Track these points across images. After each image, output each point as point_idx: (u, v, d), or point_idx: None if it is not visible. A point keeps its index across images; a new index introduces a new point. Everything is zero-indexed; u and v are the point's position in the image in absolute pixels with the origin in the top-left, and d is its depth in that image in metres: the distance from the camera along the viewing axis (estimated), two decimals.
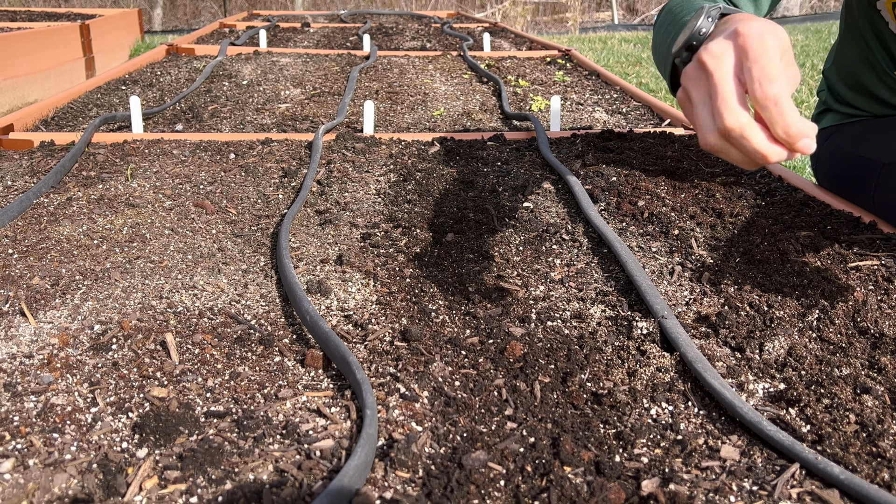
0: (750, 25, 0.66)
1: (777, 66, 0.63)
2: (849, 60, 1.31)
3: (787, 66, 0.66)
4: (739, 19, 0.70)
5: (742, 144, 0.64)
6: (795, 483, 0.64)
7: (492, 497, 0.61)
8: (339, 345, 0.80)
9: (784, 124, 0.62)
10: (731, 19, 0.73)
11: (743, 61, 0.64)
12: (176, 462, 0.66)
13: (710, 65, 0.66)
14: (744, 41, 0.64)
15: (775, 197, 1.33)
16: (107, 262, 1.08)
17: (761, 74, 0.62)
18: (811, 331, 0.90)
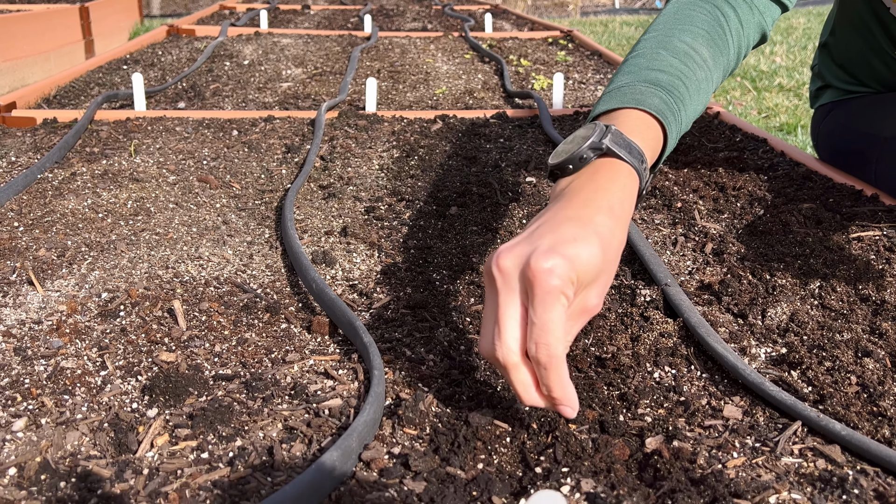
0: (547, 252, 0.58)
1: (558, 328, 0.57)
2: (847, 40, 1.31)
3: (576, 314, 0.60)
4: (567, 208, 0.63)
5: (505, 376, 0.60)
6: (797, 440, 0.65)
7: (498, 453, 0.62)
8: (346, 310, 0.81)
9: (549, 386, 0.59)
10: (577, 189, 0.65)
11: (528, 307, 0.58)
12: (186, 421, 0.66)
13: (499, 285, 0.59)
14: (534, 282, 0.57)
15: (777, 171, 1.34)
16: (112, 234, 1.09)
17: (539, 336, 0.57)
18: (813, 298, 0.91)
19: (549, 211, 0.64)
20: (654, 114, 0.75)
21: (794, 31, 5.50)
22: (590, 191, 0.65)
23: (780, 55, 4.53)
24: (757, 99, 3.51)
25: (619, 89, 0.79)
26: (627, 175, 0.68)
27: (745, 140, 1.52)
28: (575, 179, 0.67)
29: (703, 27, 0.86)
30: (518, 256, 0.59)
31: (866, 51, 1.27)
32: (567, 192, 0.66)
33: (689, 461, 0.61)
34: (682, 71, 0.80)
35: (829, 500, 0.57)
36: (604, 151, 0.67)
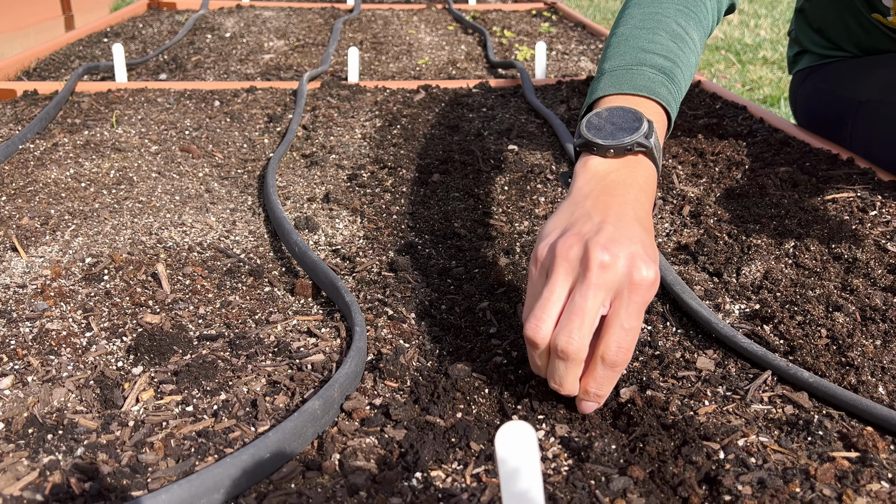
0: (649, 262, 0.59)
1: (637, 334, 0.59)
2: (824, 4, 1.32)
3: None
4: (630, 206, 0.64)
5: (561, 366, 0.59)
6: (767, 388, 0.67)
7: (476, 403, 0.64)
8: (328, 272, 0.82)
9: (605, 385, 0.60)
10: (625, 183, 0.67)
11: (618, 309, 0.58)
12: (171, 377, 0.68)
13: (593, 280, 0.58)
14: (638, 290, 0.58)
15: (756, 137, 1.35)
16: (95, 202, 1.09)
17: (626, 341, 0.58)
18: (787, 257, 0.92)
19: (608, 203, 0.64)
20: (665, 106, 0.76)
21: (778, 4, 5.50)
22: (638, 190, 0.67)
23: (765, 28, 4.54)
24: (741, 72, 3.53)
25: (628, 70, 0.79)
26: (655, 176, 0.70)
27: (725, 107, 1.54)
28: (618, 170, 0.68)
29: (689, 5, 0.86)
30: (620, 258, 0.58)
31: (843, 14, 1.29)
32: (615, 184, 0.67)
33: (661, 409, 0.63)
34: (679, 57, 0.81)
35: (795, 442, 0.59)
36: (646, 151, 0.69)
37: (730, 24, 4.73)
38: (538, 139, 1.40)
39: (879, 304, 0.81)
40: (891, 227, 0.99)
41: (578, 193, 0.67)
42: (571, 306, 0.58)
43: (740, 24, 4.69)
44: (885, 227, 0.99)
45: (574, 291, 0.59)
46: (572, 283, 0.59)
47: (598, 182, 0.67)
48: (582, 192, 0.67)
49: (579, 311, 0.58)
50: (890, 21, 1.22)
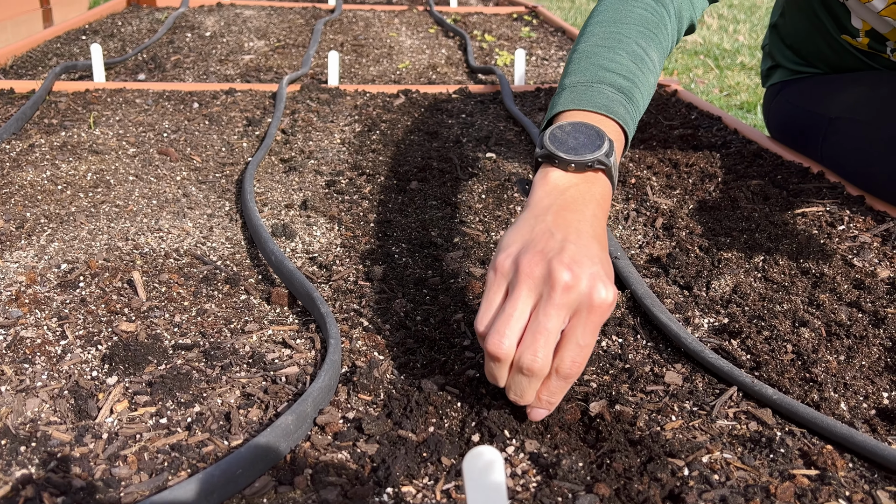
0: (608, 282, 0.61)
1: (588, 353, 0.61)
2: (796, 22, 1.34)
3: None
4: (587, 223, 0.66)
5: (523, 380, 0.60)
6: (732, 404, 0.69)
7: (449, 417, 0.65)
8: (304, 281, 0.83)
9: (557, 395, 0.62)
10: (584, 198, 0.69)
11: (575, 327, 0.60)
12: (146, 388, 0.68)
13: (557, 298, 0.60)
14: (596, 310, 0.60)
15: (730, 149, 1.37)
16: (72, 206, 1.09)
17: (579, 356, 0.60)
18: (756, 271, 0.94)
19: (564, 214, 0.66)
20: (622, 126, 0.78)
21: (757, 10, 5.56)
22: (594, 206, 0.69)
23: (743, 34, 4.59)
24: (719, 77, 3.56)
25: (588, 87, 0.81)
26: (609, 192, 0.73)
27: (701, 118, 1.56)
28: (577, 185, 0.70)
29: (649, 27, 0.88)
30: (582, 278, 0.60)
31: (813, 33, 1.31)
32: (574, 197, 0.69)
33: (629, 423, 0.65)
34: (639, 77, 0.83)
35: (758, 459, 0.61)
36: (606, 169, 0.71)
37: (709, 28, 4.78)
38: (516, 147, 1.41)
39: (844, 320, 0.83)
40: (857, 241, 1.01)
41: (538, 206, 0.68)
42: (536, 325, 0.60)
43: (719, 30, 4.74)
44: (851, 241, 1.01)
45: (538, 310, 0.60)
46: (535, 301, 0.61)
47: (558, 196, 0.69)
48: (542, 204, 0.68)
49: (543, 330, 0.59)
50: (859, 42, 1.25)
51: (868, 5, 1.15)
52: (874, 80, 1.24)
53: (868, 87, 1.24)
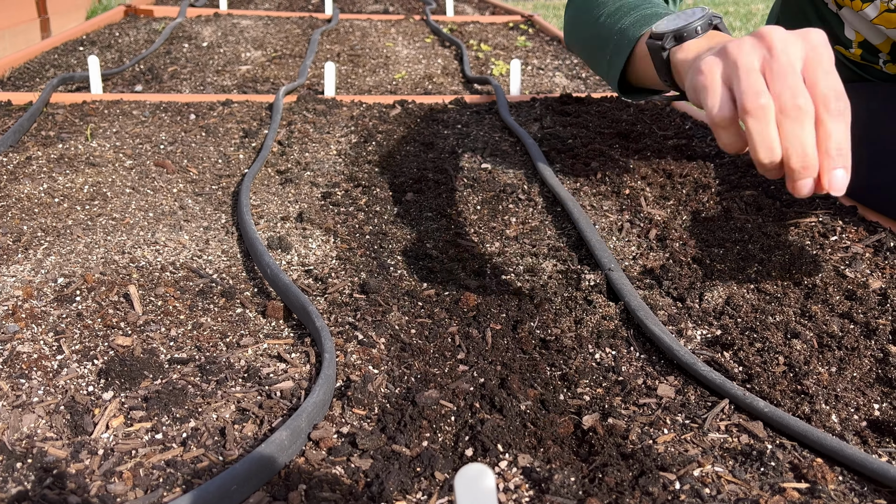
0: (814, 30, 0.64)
1: (838, 81, 0.63)
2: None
3: None
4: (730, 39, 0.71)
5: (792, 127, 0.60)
6: (724, 416, 0.69)
7: (443, 431, 0.65)
8: (299, 295, 0.84)
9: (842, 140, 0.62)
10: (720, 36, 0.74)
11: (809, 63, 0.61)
12: (141, 403, 0.69)
13: (778, 47, 0.61)
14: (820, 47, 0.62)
15: (724, 159, 1.38)
16: (68, 219, 1.09)
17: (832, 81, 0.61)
18: (749, 282, 0.95)
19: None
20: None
21: (752, 17, 5.58)
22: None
23: None
24: None
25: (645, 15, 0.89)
26: None
27: (695, 128, 1.57)
28: (713, 36, 0.76)
29: None
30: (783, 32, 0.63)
31: None
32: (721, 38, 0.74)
33: (621, 437, 0.65)
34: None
35: (749, 472, 0.61)
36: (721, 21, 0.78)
37: None
38: (511, 158, 1.42)
39: (836, 331, 0.84)
40: (850, 252, 1.02)
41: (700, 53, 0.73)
42: (776, 70, 0.60)
43: None
44: (843, 252, 1.02)
45: (768, 66, 0.61)
46: (760, 65, 0.61)
47: (709, 42, 0.73)
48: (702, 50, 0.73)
49: (784, 70, 0.60)
50: (852, 53, 1.26)
51: (861, 13, 1.16)
52: (866, 93, 1.25)
53: (860, 99, 1.25)
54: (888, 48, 1.22)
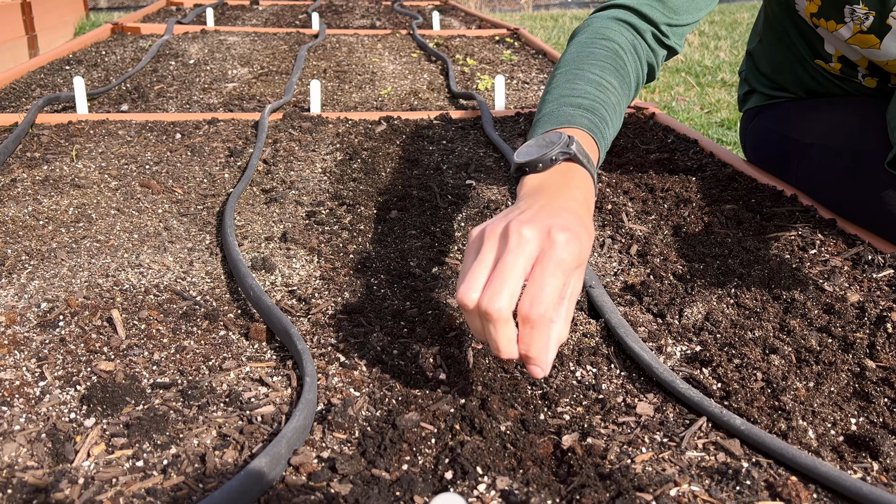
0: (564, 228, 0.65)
1: (556, 293, 0.63)
2: (772, 49, 1.37)
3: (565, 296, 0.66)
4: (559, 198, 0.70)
5: (491, 328, 0.64)
6: (702, 434, 0.70)
7: (423, 454, 0.66)
8: (282, 317, 0.84)
9: (530, 344, 0.64)
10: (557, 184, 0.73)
11: (534, 271, 0.64)
12: (123, 430, 0.69)
13: (512, 245, 0.64)
14: (551, 249, 0.64)
15: (706, 172, 1.39)
16: (53, 242, 1.10)
17: (538, 295, 0.63)
18: (729, 297, 0.96)
19: (538, 199, 0.72)
20: (588, 132, 0.84)
21: (738, 27, 5.63)
22: (569, 188, 0.74)
23: (724, 50, 4.64)
24: (700, 94, 3.61)
25: (550, 114, 0.87)
26: (588, 178, 0.78)
27: (677, 141, 1.58)
28: (550, 177, 0.76)
29: (606, 60, 0.94)
30: (537, 227, 0.65)
31: (789, 58, 1.34)
32: (547, 186, 0.74)
33: (600, 457, 0.66)
34: (599, 96, 0.88)
35: (724, 491, 0.62)
36: (570, 157, 0.76)
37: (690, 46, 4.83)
38: (495, 174, 1.43)
39: (814, 346, 0.85)
40: (828, 266, 1.03)
41: (516, 203, 0.74)
42: (495, 270, 0.64)
43: (700, 47, 4.79)
44: (823, 266, 1.03)
45: (498, 259, 0.65)
46: (497, 255, 0.65)
47: (532, 190, 0.74)
48: (518, 200, 0.74)
49: (500, 273, 0.64)
50: (832, 67, 1.27)
51: (835, 34, 1.18)
52: (848, 107, 1.27)
53: (842, 113, 1.26)
54: (866, 63, 1.23)
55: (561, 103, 0.87)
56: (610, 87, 0.91)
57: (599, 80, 0.91)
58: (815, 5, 1.17)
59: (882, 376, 0.79)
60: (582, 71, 0.92)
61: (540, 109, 0.90)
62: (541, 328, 0.64)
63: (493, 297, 0.63)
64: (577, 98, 0.87)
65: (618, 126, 0.91)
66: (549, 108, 0.88)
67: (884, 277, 1.00)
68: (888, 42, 1.12)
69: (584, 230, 0.67)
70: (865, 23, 1.12)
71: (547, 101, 0.89)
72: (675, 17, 1.01)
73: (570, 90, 0.88)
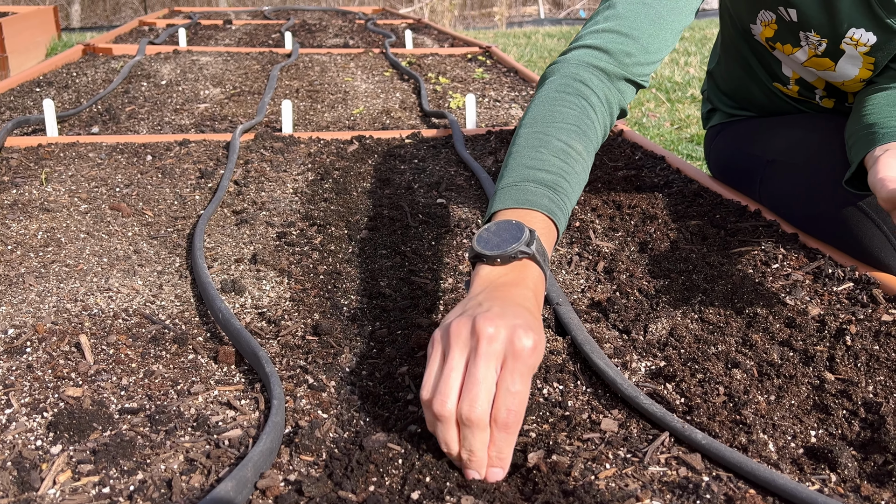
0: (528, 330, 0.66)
1: (526, 399, 0.66)
2: (730, 69, 1.40)
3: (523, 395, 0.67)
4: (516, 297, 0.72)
5: (469, 435, 0.64)
6: (664, 450, 0.71)
7: (389, 475, 0.66)
8: (250, 340, 0.84)
9: (503, 448, 0.65)
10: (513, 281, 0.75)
11: (504, 376, 0.65)
12: (89, 457, 0.69)
13: (482, 350, 0.65)
14: (521, 356, 0.65)
15: (672, 188, 1.42)
16: (21, 267, 1.09)
17: (513, 403, 0.64)
18: (693, 312, 0.98)
19: (497, 295, 0.73)
20: (548, 215, 0.85)
21: (707, 42, 5.71)
22: (524, 287, 0.76)
23: (694, 66, 4.71)
24: (670, 110, 3.66)
25: (513, 187, 0.88)
26: (541, 277, 0.80)
27: (645, 158, 1.61)
28: (507, 273, 0.77)
29: (573, 122, 0.94)
30: (504, 328, 0.66)
31: (747, 80, 1.37)
32: (504, 283, 0.76)
33: (564, 473, 0.67)
34: (563, 168, 0.90)
35: None
36: (529, 256, 0.78)
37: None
38: (466, 192, 1.44)
39: (776, 359, 0.87)
40: (790, 280, 1.05)
41: (472, 294, 0.75)
42: (469, 377, 0.65)
43: (671, 63, 4.86)
44: (784, 280, 1.05)
45: (469, 364, 0.66)
46: (467, 358, 0.66)
47: (489, 283, 0.76)
48: (475, 291, 0.75)
49: (475, 380, 0.65)
50: (790, 90, 1.30)
51: (792, 56, 1.21)
52: (808, 125, 1.30)
53: (802, 131, 1.29)
54: (823, 84, 1.26)
55: (524, 176, 0.88)
56: (575, 154, 0.92)
57: (565, 147, 0.91)
58: (770, 30, 1.20)
59: (840, 388, 0.81)
60: (548, 137, 0.92)
61: (503, 175, 0.91)
62: (515, 434, 0.65)
63: (473, 404, 0.63)
64: (541, 172, 0.88)
65: (579, 191, 0.93)
66: (512, 177, 0.89)
67: (843, 290, 1.02)
68: (843, 64, 1.15)
69: (541, 333, 0.69)
70: (819, 48, 1.15)
71: (511, 168, 0.90)
72: (645, 55, 1.02)
73: (534, 161, 0.89)
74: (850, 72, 1.16)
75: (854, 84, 1.19)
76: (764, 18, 1.19)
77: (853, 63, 1.14)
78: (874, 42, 1.10)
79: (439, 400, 0.65)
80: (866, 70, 1.14)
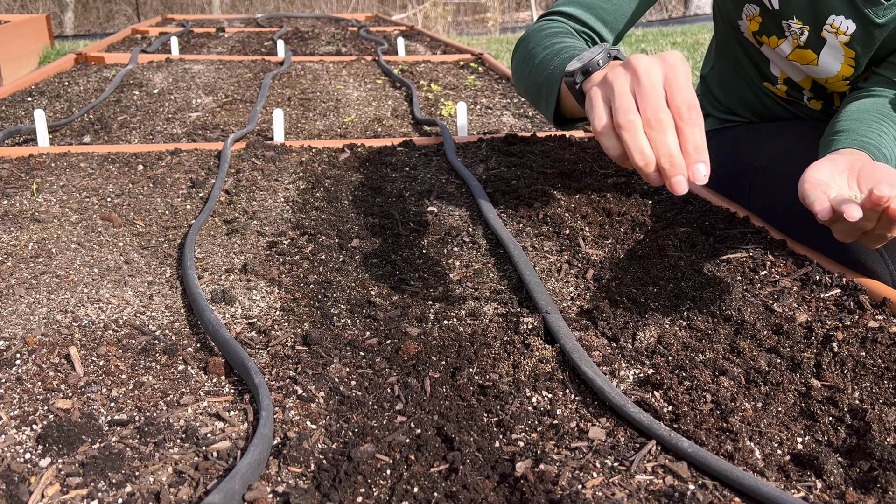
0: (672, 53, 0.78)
1: (691, 93, 0.76)
2: (723, 72, 1.41)
3: None
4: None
5: (654, 134, 0.74)
6: (651, 458, 0.72)
7: (377, 486, 0.67)
8: (239, 351, 0.85)
9: (699, 139, 0.74)
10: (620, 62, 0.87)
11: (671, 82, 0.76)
12: (78, 469, 0.69)
13: (642, 70, 0.76)
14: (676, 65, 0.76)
15: (661, 195, 1.42)
16: (11, 278, 1.09)
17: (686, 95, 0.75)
18: (681, 320, 0.98)
19: None
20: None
21: (700, 47, 5.74)
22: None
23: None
24: None
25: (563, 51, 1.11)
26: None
27: None
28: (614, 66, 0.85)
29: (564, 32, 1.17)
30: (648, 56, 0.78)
31: (738, 81, 1.38)
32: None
33: (552, 483, 0.67)
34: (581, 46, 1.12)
35: None
36: (616, 57, 0.93)
37: None
38: (457, 200, 1.45)
39: (763, 366, 0.87)
40: (778, 286, 1.06)
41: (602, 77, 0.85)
42: (640, 91, 0.75)
43: None
44: (772, 287, 1.06)
45: (636, 87, 0.76)
46: (630, 87, 0.76)
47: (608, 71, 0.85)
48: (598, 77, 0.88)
49: (647, 89, 0.75)
50: (778, 89, 1.31)
51: (777, 50, 1.22)
52: (796, 133, 1.31)
53: (791, 138, 1.30)
54: (809, 85, 1.27)
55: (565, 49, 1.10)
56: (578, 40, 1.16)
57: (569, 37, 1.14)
58: (756, 23, 1.21)
59: (827, 395, 0.82)
60: (557, 37, 1.14)
61: (543, 66, 1.12)
62: (701, 124, 0.74)
63: (657, 105, 0.73)
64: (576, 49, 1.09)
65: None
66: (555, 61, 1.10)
67: (831, 297, 1.03)
68: (825, 57, 1.17)
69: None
70: (801, 37, 1.16)
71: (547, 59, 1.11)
72: (604, 27, 1.21)
73: (560, 48, 1.11)
74: (833, 66, 1.17)
75: (837, 82, 1.20)
76: (749, 12, 1.21)
77: (835, 56, 1.16)
78: (853, 31, 1.12)
79: (622, 112, 0.74)
80: (848, 66, 1.16)
